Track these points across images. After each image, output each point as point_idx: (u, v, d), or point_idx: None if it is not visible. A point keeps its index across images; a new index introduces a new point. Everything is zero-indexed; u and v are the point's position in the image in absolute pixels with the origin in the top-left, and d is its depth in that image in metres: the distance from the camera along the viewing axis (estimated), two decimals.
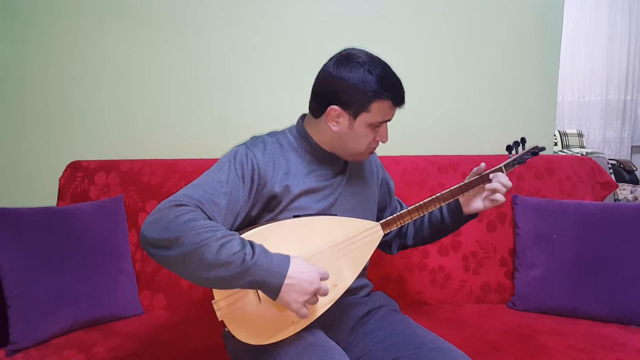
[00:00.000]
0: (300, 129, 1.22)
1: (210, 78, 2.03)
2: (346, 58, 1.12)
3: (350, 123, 1.13)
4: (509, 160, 1.25)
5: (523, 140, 1.25)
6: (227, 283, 0.95)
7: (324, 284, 1.01)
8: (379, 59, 1.14)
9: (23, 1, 1.98)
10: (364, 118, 1.12)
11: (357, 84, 1.09)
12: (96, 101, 2.03)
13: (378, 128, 1.16)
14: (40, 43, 2.00)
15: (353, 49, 1.15)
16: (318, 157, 1.20)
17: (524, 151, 1.27)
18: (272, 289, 0.96)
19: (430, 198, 1.21)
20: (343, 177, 1.25)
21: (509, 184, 1.23)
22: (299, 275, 0.97)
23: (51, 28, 1.99)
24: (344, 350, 1.16)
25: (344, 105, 1.12)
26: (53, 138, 2.05)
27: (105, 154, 2.00)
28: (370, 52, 1.15)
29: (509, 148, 1.26)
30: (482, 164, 1.25)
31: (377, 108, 1.11)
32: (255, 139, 1.20)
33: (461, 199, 1.29)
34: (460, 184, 1.24)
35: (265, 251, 0.97)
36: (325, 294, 1.01)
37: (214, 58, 2.02)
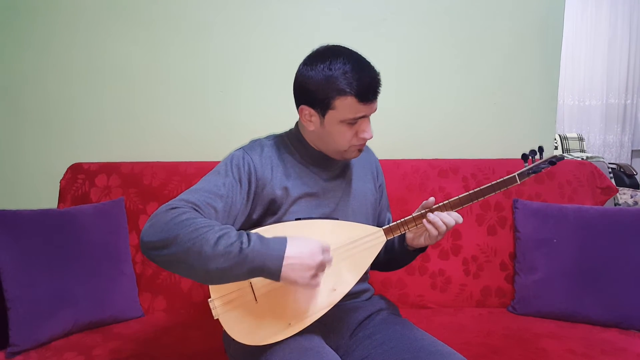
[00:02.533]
0: (295, 132, 1.23)
1: (211, 80, 2.03)
2: (312, 56, 1.12)
3: (321, 121, 1.12)
4: (523, 169, 1.17)
5: (540, 149, 1.17)
6: (228, 274, 0.95)
7: (328, 254, 1.02)
8: (347, 53, 1.09)
9: (24, 1, 1.99)
10: (332, 116, 1.10)
11: (318, 82, 1.08)
12: (97, 103, 2.03)
13: (355, 124, 1.11)
14: (41, 44, 2.01)
15: (323, 46, 1.13)
16: (314, 159, 1.21)
17: (541, 160, 1.17)
18: (273, 272, 0.96)
19: (437, 205, 1.16)
20: (343, 180, 1.24)
21: (451, 222, 1.13)
22: (298, 253, 0.97)
23: (52, 29, 2.00)
24: (344, 354, 1.16)
25: (311, 104, 1.11)
26: (54, 140, 2.05)
27: (106, 156, 2.00)
28: (340, 47, 1.11)
29: (524, 156, 1.18)
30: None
31: (342, 105, 1.07)
32: (253, 143, 1.21)
33: (408, 234, 1.21)
34: (470, 191, 1.16)
35: (260, 237, 0.98)
36: (330, 261, 1.02)
37: (215, 60, 2.02)
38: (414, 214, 1.16)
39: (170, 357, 1.38)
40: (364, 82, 1.07)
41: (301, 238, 1.01)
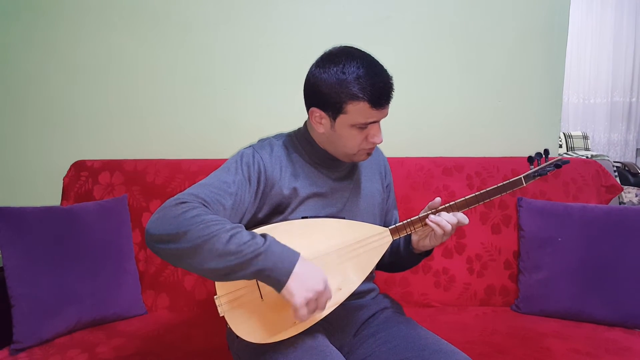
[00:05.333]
0: (304, 132, 1.22)
1: (215, 78, 2.03)
2: (325, 58, 1.10)
3: (331, 124, 1.11)
4: (529, 172, 1.19)
5: (546, 152, 1.18)
6: (236, 272, 0.94)
7: (328, 293, 1.00)
8: (361, 56, 1.08)
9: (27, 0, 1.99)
10: (343, 120, 1.09)
11: (331, 85, 1.06)
12: (101, 100, 2.04)
13: (365, 129, 1.11)
14: (44, 42, 2.01)
15: (336, 47, 1.12)
16: (323, 159, 1.20)
17: (547, 163, 1.19)
18: (281, 276, 0.95)
19: (444, 206, 1.15)
20: (351, 180, 1.24)
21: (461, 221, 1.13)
22: (307, 270, 0.97)
23: (56, 26, 2.00)
24: (348, 352, 1.16)
25: (322, 107, 1.10)
26: (57, 137, 2.05)
27: (109, 153, 2.00)
28: (354, 49, 1.10)
29: (530, 159, 1.19)
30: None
31: (354, 109, 1.06)
32: (262, 142, 1.20)
33: (414, 236, 1.21)
34: (477, 193, 1.16)
35: (276, 240, 0.98)
36: (323, 307, 0.99)
37: (219, 58, 2.02)
38: (420, 215, 1.16)
39: (174, 355, 1.38)
40: (377, 87, 1.05)
41: (312, 263, 1.00)
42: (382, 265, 1.34)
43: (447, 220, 1.11)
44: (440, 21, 2.00)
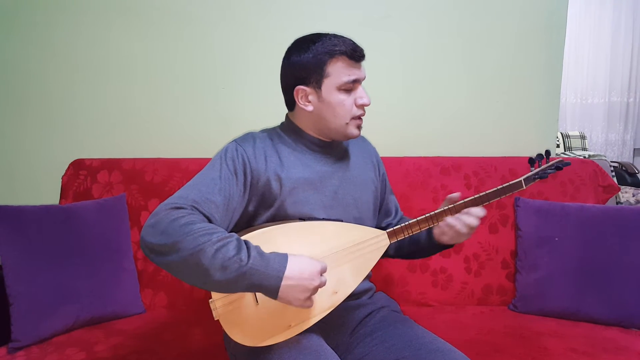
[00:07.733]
0: (288, 123, 1.24)
1: (213, 77, 2.03)
2: (292, 45, 1.19)
3: (319, 96, 1.14)
4: (530, 173, 1.18)
5: (547, 153, 1.18)
6: (226, 287, 0.95)
7: (324, 277, 1.01)
8: (324, 32, 1.17)
9: None
10: (328, 84, 1.13)
11: (307, 56, 1.13)
12: (99, 99, 2.03)
13: (351, 91, 1.15)
14: (43, 40, 2.00)
15: (298, 38, 1.20)
16: (309, 147, 1.21)
17: (547, 165, 1.19)
18: (271, 291, 0.96)
19: (441, 209, 1.16)
20: (340, 167, 1.24)
21: (474, 223, 1.15)
22: (297, 274, 0.96)
23: (55, 25, 2.00)
24: (345, 352, 1.17)
25: (305, 82, 1.15)
26: (56, 136, 2.05)
27: (108, 152, 2.00)
28: (317, 32, 1.19)
29: (531, 161, 1.19)
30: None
31: (335, 68, 1.12)
32: (245, 135, 1.21)
33: (436, 229, 1.23)
34: (475, 196, 1.17)
35: (261, 254, 0.96)
36: (324, 284, 1.01)
37: (217, 57, 2.02)
38: (418, 218, 1.17)
39: (172, 354, 1.38)
40: (349, 42, 1.13)
41: (302, 257, 1.00)
42: (400, 255, 1.36)
43: (465, 222, 1.14)
44: (439, 21, 2.00)
